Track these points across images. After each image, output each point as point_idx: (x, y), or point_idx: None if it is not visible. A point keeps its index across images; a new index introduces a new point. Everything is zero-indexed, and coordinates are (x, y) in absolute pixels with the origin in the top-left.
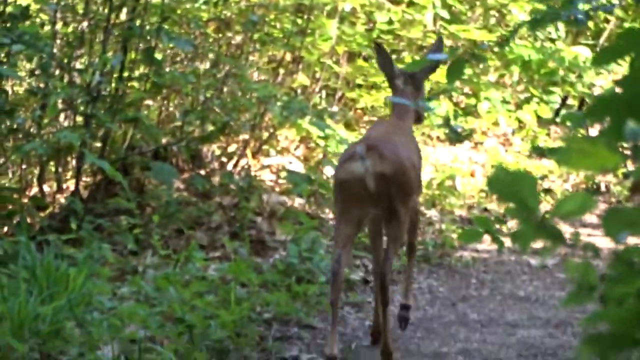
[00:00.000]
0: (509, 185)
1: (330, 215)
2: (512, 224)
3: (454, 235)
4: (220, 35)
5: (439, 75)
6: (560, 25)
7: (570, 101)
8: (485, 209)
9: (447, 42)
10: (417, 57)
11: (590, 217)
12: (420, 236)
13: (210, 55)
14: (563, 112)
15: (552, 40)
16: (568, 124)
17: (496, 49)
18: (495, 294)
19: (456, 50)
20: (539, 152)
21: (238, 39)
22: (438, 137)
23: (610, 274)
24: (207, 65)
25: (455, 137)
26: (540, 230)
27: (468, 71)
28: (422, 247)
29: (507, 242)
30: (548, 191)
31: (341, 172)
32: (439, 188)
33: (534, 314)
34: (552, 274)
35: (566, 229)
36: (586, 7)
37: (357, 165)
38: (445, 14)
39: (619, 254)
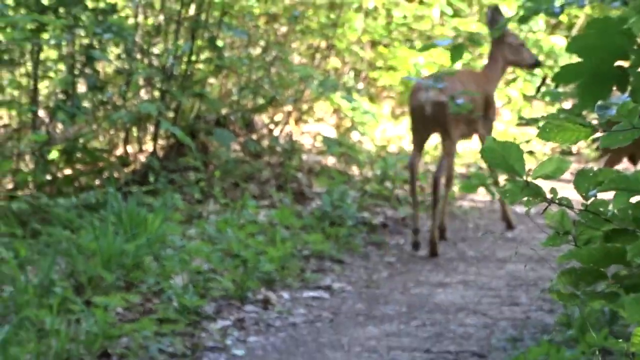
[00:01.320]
0: (499, 153)
1: (356, 171)
2: (503, 179)
3: (455, 188)
4: (269, 26)
5: (444, 58)
6: (541, 20)
7: (548, 81)
8: (480, 168)
9: (450, 33)
10: (426, 43)
11: (566, 175)
12: (428, 189)
13: (261, 43)
14: (543, 89)
15: (534, 32)
16: (547, 98)
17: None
18: (488, 235)
19: (457, 37)
20: (523, 121)
21: (283, 29)
22: None
23: (581, 221)
24: (259, 50)
25: (456, 108)
26: (525, 189)
27: (467, 56)
28: (429, 198)
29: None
30: (531, 153)
31: (411, 99)
32: None
33: (520, 251)
34: (535, 219)
35: (547, 185)
36: (561, 2)
37: (421, 94)
38: (449, 10)
39: (588, 206)
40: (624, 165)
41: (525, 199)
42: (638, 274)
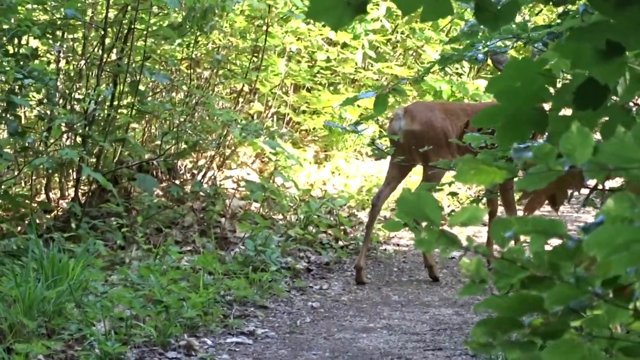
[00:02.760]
0: (414, 203)
1: (280, 216)
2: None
3: (380, 232)
4: (191, 70)
5: (369, 104)
6: (465, 63)
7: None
8: None
9: (374, 76)
10: (350, 89)
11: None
12: (351, 233)
13: (183, 87)
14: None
15: (459, 75)
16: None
17: (414, 82)
18: (412, 279)
19: (381, 87)
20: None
21: (206, 74)
22: (366, 153)
23: (497, 269)
24: (181, 95)
25: (379, 153)
26: (440, 238)
27: (392, 99)
28: (353, 242)
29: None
30: (454, 194)
31: (388, 129)
32: (368, 194)
33: (443, 296)
34: (458, 263)
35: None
36: (484, 49)
37: (395, 123)
38: (372, 53)
39: (504, 254)
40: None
41: (442, 247)
42: (555, 321)
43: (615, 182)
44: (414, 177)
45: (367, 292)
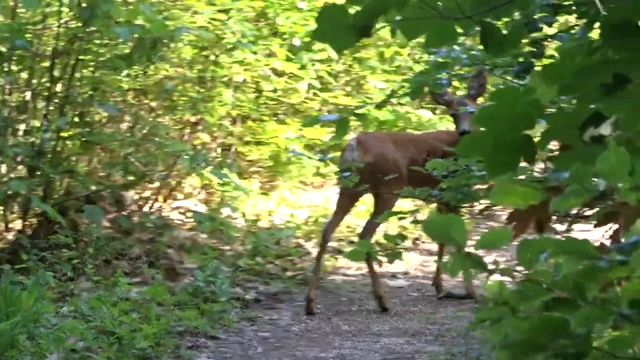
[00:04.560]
0: (441, 226)
1: (228, 247)
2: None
3: (327, 262)
4: (138, 101)
5: (315, 134)
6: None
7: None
8: (351, 242)
9: (319, 107)
10: (295, 120)
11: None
12: (299, 263)
13: (131, 118)
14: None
15: (402, 104)
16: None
17: (377, 108)
18: (362, 309)
19: (342, 112)
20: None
21: (153, 104)
22: (312, 183)
23: (521, 291)
24: (128, 126)
25: (344, 182)
26: (467, 260)
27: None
28: (302, 272)
29: (384, 260)
30: (417, 222)
31: (339, 159)
32: (315, 224)
33: (394, 325)
34: (407, 292)
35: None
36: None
37: (347, 154)
38: (317, 83)
39: (530, 275)
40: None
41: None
42: (579, 343)
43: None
44: (360, 207)
45: (318, 322)
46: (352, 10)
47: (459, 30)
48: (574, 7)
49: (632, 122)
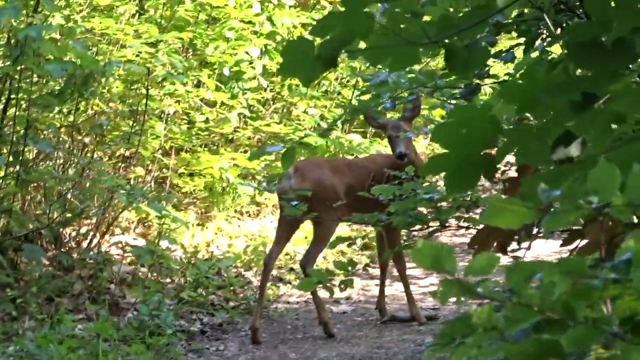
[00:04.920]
0: (430, 255)
1: (169, 279)
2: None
3: (269, 291)
4: (72, 137)
5: (250, 164)
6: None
7: None
8: (291, 269)
9: (252, 135)
10: (228, 149)
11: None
12: (241, 293)
13: (65, 155)
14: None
15: (335, 128)
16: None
17: (322, 136)
18: (307, 336)
19: (290, 140)
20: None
21: (86, 140)
22: (247, 213)
23: (507, 315)
24: (62, 162)
25: (291, 210)
26: (457, 287)
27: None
28: (244, 302)
29: (336, 290)
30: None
31: (277, 187)
32: (254, 253)
33: (341, 351)
34: (351, 318)
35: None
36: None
37: (285, 182)
38: (247, 112)
39: (521, 298)
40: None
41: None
42: None
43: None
44: (298, 234)
45: (264, 351)
46: (316, 42)
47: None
48: (515, 26)
49: (602, 140)
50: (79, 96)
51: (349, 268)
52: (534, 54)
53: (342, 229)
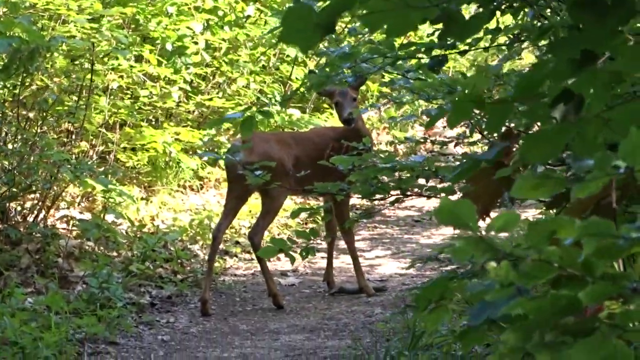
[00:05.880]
0: (452, 211)
1: (115, 253)
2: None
3: (216, 264)
4: (18, 112)
5: (191, 137)
6: (276, 92)
7: None
8: (237, 242)
9: (193, 109)
10: (171, 124)
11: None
12: (188, 266)
13: (11, 129)
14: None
15: (273, 104)
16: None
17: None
18: (256, 308)
19: (247, 108)
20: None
21: (31, 115)
22: (191, 187)
23: (526, 270)
24: (8, 136)
25: (255, 180)
26: (480, 244)
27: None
28: (192, 275)
29: (297, 258)
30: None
31: (225, 160)
32: (199, 227)
33: (291, 322)
34: (299, 290)
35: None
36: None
37: (232, 155)
38: (187, 87)
39: (541, 255)
40: None
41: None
42: (588, 319)
43: None
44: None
45: (215, 323)
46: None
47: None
48: None
49: (602, 98)
50: (24, 71)
51: (312, 237)
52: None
53: (287, 202)
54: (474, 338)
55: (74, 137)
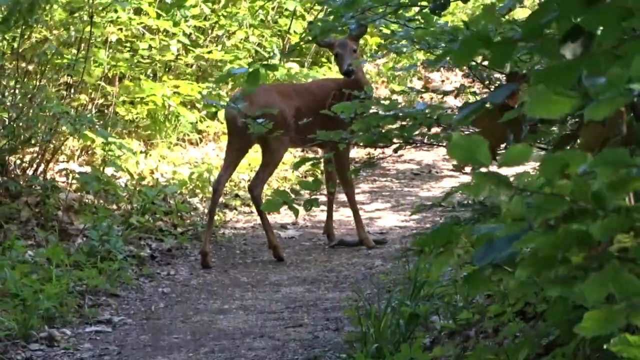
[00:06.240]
0: (465, 147)
1: (115, 206)
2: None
3: (216, 217)
4: (17, 64)
5: (191, 91)
6: (275, 46)
7: None
8: (237, 195)
9: (193, 62)
10: (170, 77)
11: None
12: (187, 219)
13: (10, 83)
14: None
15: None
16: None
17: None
18: (257, 260)
19: (254, 62)
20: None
21: (30, 67)
22: (190, 140)
23: (537, 204)
24: (8, 89)
25: (258, 129)
26: (491, 179)
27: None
28: (192, 228)
29: (301, 210)
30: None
31: (225, 112)
32: (198, 180)
33: (291, 274)
34: (299, 242)
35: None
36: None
37: (233, 107)
38: (186, 40)
39: (553, 189)
40: None
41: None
42: (599, 254)
43: None
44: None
45: (215, 275)
46: None
47: None
48: None
49: (611, 34)
50: (24, 24)
51: (315, 188)
52: None
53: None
54: (480, 282)
55: (73, 90)
